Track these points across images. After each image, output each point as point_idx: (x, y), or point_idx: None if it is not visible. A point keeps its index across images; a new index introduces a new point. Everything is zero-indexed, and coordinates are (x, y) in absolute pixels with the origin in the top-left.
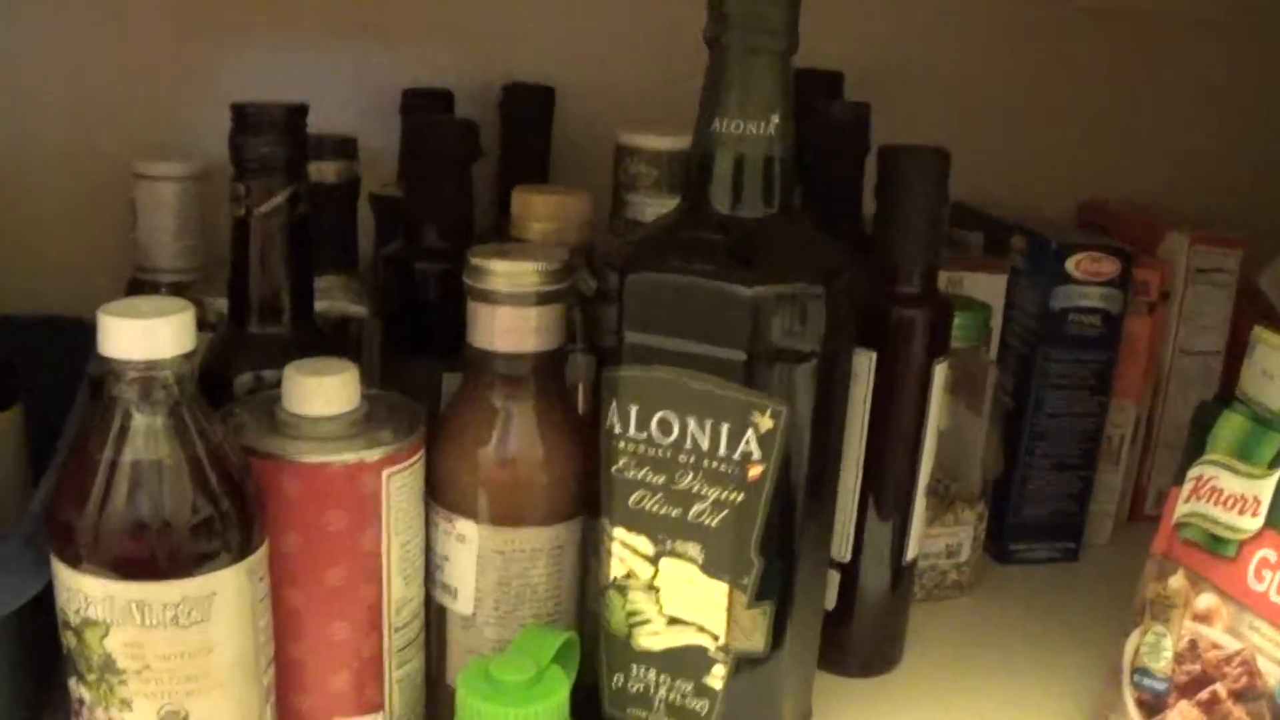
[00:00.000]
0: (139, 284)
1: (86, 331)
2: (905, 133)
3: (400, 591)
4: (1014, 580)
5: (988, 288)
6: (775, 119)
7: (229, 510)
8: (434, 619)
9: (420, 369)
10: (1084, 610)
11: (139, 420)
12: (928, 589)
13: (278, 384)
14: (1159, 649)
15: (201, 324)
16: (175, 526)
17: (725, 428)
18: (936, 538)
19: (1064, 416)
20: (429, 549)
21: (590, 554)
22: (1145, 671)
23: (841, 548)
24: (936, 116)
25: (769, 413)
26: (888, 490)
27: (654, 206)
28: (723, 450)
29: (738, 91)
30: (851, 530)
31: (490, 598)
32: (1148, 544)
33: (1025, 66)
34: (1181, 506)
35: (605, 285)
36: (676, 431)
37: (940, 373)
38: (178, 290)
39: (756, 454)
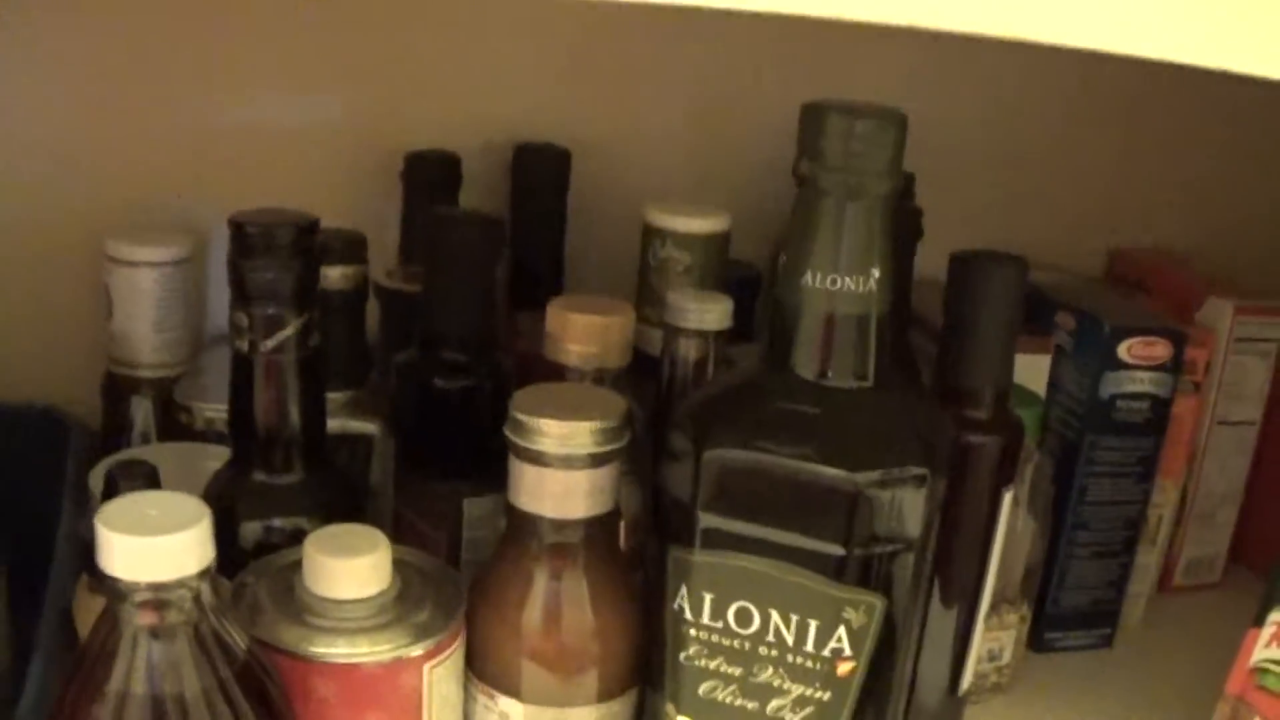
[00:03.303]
0: (115, 379)
1: (57, 421)
2: (930, 185)
3: None
4: (1050, 671)
5: (1030, 368)
6: (875, 273)
7: None
8: None
9: (439, 493)
10: (1124, 700)
11: (153, 648)
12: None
13: (289, 534)
14: None
15: (191, 431)
16: None
17: (814, 624)
18: None
19: (1107, 505)
20: None
21: None
22: None
23: None
24: (962, 163)
25: (864, 608)
26: (948, 623)
27: (696, 312)
28: (810, 646)
29: (834, 241)
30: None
31: None
32: (1180, 620)
33: (1052, 111)
34: (1260, 651)
35: (672, 447)
36: (757, 624)
37: (1009, 501)
38: (159, 387)
39: (847, 650)
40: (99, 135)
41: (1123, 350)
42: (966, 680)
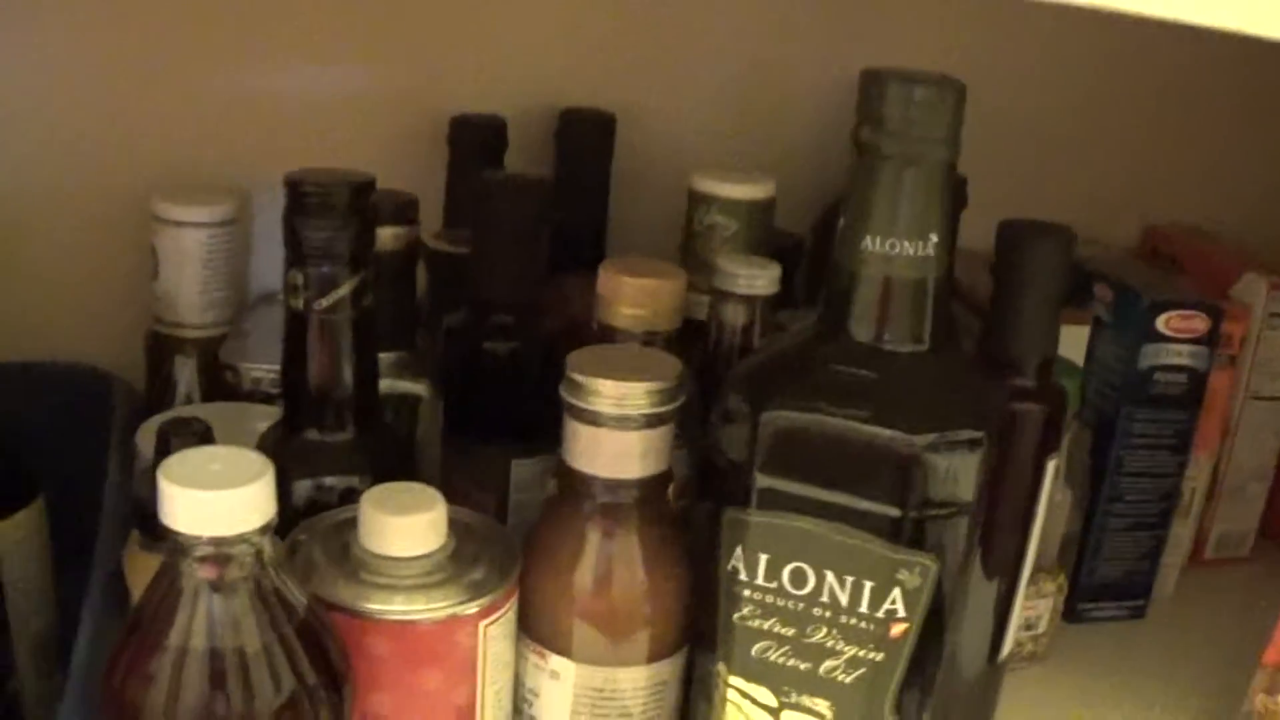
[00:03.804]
0: (160, 339)
1: (102, 380)
2: (967, 158)
3: None
4: (1084, 641)
5: (1069, 339)
6: (934, 238)
7: (317, 688)
8: None
9: (487, 455)
10: (1157, 670)
11: (213, 603)
12: None
13: (341, 492)
14: None
15: (236, 392)
16: None
17: (869, 585)
18: None
19: (1143, 477)
20: (516, 680)
21: (698, 693)
22: None
23: None
24: (997, 137)
25: (918, 570)
26: (990, 591)
27: (746, 277)
28: (864, 607)
29: (893, 206)
30: None
31: None
32: (1211, 593)
33: (1088, 86)
34: None
35: (726, 406)
36: (812, 584)
37: (1052, 469)
38: (204, 347)
39: (901, 612)
40: (146, 96)
41: (1161, 323)
42: (1006, 648)
